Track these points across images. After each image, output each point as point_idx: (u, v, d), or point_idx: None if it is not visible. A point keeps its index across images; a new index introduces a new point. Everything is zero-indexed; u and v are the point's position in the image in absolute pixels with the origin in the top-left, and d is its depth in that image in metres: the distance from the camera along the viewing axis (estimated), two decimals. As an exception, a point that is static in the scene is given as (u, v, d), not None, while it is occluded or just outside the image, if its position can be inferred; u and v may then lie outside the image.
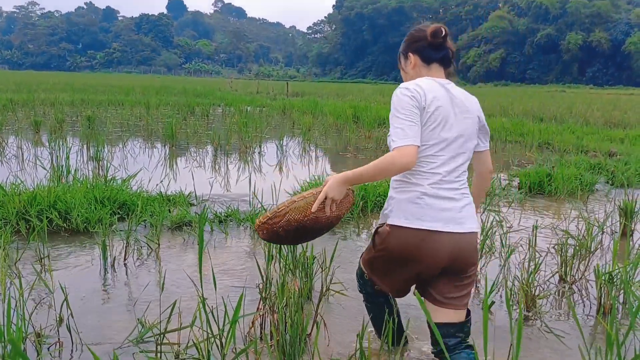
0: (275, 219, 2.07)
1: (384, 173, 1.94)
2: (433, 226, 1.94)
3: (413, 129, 1.93)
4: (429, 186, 1.98)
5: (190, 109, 16.07)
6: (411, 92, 1.98)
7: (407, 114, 1.95)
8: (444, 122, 2.00)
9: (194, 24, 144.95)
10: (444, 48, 2.13)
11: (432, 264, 1.98)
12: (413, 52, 2.17)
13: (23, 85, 25.07)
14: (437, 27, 2.10)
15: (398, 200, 2.02)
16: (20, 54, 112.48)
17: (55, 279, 3.10)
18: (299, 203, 2.07)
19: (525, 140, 10.31)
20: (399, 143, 1.90)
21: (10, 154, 7.75)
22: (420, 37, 2.14)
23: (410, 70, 2.19)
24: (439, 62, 2.15)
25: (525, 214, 5.16)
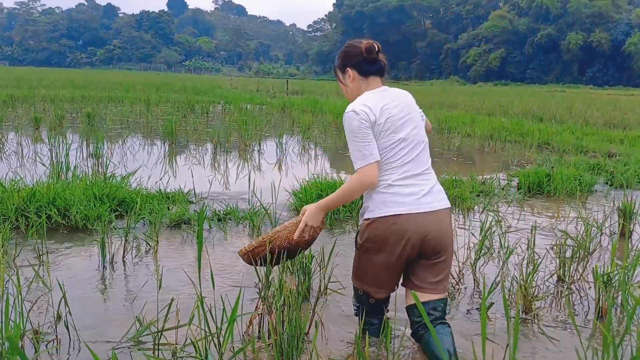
0: (260, 248, 2.41)
1: (354, 194, 2.26)
2: (399, 210, 2.20)
3: (368, 147, 2.21)
4: (395, 180, 2.25)
5: (190, 107, 16.06)
6: (359, 115, 2.23)
7: (359, 135, 2.21)
8: (395, 126, 2.27)
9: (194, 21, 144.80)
10: (378, 62, 2.40)
11: (407, 246, 2.22)
12: (351, 67, 2.41)
13: (23, 82, 25.04)
14: (371, 43, 2.37)
15: (370, 196, 2.29)
16: (21, 50, 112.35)
17: (53, 276, 3.10)
18: (283, 232, 2.39)
19: (525, 140, 10.31)
20: (360, 164, 2.20)
21: (10, 150, 7.74)
22: (356, 53, 2.39)
23: (349, 83, 2.44)
24: (374, 74, 2.41)
25: (524, 214, 5.17)
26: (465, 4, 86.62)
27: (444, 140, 10.80)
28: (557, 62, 69.08)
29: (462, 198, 5.34)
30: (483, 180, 6.15)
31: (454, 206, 5.30)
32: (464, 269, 3.36)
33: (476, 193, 5.68)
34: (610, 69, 65.59)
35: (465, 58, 75.40)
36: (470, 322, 2.79)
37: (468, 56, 74.90)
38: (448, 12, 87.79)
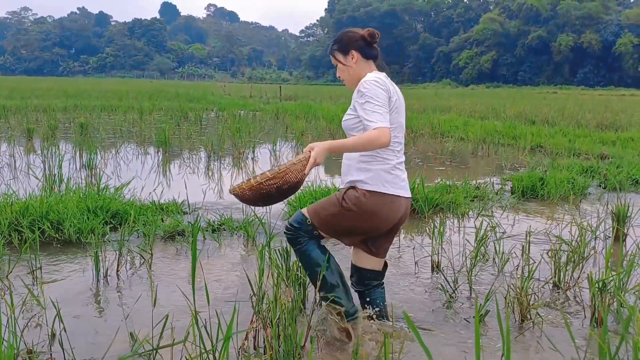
0: (274, 180, 2.36)
1: (365, 147, 2.33)
2: (399, 192, 2.50)
3: (387, 115, 2.36)
4: (396, 162, 2.51)
5: (184, 114, 16.04)
6: (382, 84, 2.42)
7: (381, 101, 2.36)
8: (399, 109, 2.53)
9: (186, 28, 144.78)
10: (376, 48, 2.64)
11: (392, 221, 2.54)
12: (355, 50, 2.59)
13: (15, 92, 24.93)
14: (372, 30, 2.61)
15: (375, 171, 2.47)
16: (13, 59, 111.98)
17: (47, 293, 3.08)
18: (297, 166, 2.37)
19: (518, 144, 10.34)
20: (380, 124, 2.30)
21: (2, 163, 7.70)
22: (357, 37, 2.60)
23: (353, 64, 2.60)
24: (374, 58, 2.63)
25: (519, 219, 5.18)
26: (456, 8, 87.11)
27: (437, 144, 10.82)
28: (548, 63, 69.52)
29: (456, 203, 5.35)
30: (477, 185, 6.16)
31: (449, 212, 5.31)
32: (459, 277, 3.36)
33: (470, 198, 5.68)
34: (601, 70, 66.06)
35: (457, 61, 75.76)
36: (468, 332, 2.78)
37: (460, 59, 75.27)
38: (439, 16, 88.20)
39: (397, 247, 4.25)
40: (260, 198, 2.43)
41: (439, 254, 3.67)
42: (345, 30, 2.71)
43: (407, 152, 9.64)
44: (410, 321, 1.31)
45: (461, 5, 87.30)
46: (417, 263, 3.78)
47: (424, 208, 5.06)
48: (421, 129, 12.49)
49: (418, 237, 4.56)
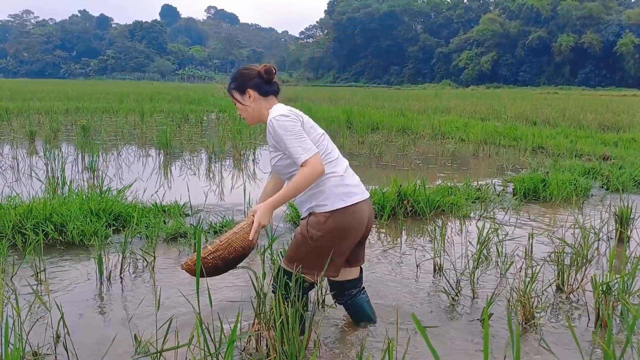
0: (219, 252, 2.36)
1: (305, 185, 2.37)
2: (357, 199, 2.48)
3: (307, 141, 2.38)
4: (342, 171, 2.50)
5: (184, 116, 16.05)
6: (289, 116, 2.42)
7: (295, 132, 2.37)
8: (312, 124, 2.54)
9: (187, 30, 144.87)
10: (274, 83, 2.60)
11: (362, 228, 2.53)
12: (251, 88, 2.56)
13: (17, 94, 24.94)
14: (269, 66, 2.58)
15: (327, 189, 2.45)
16: (15, 62, 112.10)
17: (51, 295, 3.08)
18: (239, 234, 2.38)
19: (519, 145, 10.34)
20: (305, 157, 2.34)
21: (5, 165, 7.71)
22: (253, 75, 2.57)
23: (250, 103, 2.58)
24: (273, 93, 2.60)
25: (521, 220, 5.18)
26: (456, 9, 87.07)
27: (438, 145, 10.82)
28: (548, 64, 69.48)
29: (458, 205, 5.35)
30: (478, 187, 6.16)
31: (450, 214, 5.31)
32: (461, 279, 3.36)
33: (472, 200, 5.68)
34: (602, 70, 66.00)
35: (457, 62, 75.73)
36: (471, 335, 2.78)
37: (460, 60, 75.25)
38: (439, 17, 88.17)
39: (398, 249, 4.26)
40: (208, 271, 2.41)
41: (441, 256, 3.67)
42: (242, 67, 2.67)
43: (408, 153, 9.71)
44: (419, 324, 1.32)
45: (461, 6, 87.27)
46: (419, 265, 3.78)
47: (426, 210, 5.06)
48: (422, 130, 12.49)
49: (419, 240, 4.57)
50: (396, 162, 8.85)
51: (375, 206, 5.06)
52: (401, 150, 10.07)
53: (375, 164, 8.56)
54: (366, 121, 13.49)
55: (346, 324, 2.86)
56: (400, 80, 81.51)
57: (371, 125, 13.24)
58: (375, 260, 3.97)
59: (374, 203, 5.07)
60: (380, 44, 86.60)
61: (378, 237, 4.59)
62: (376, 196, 5.16)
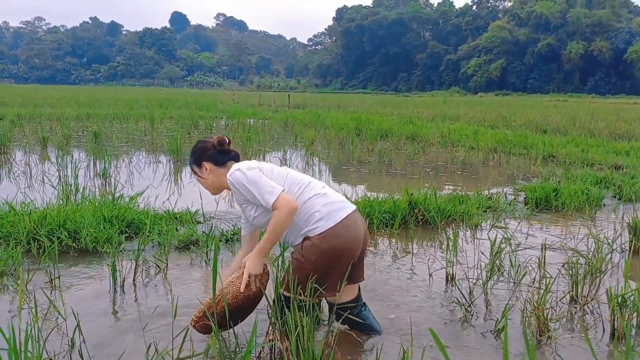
0: (211, 310, 2.30)
1: (284, 226, 2.37)
2: (344, 213, 2.47)
3: (269, 183, 2.40)
4: (321, 193, 2.50)
5: (194, 122, 16.13)
6: (247, 169, 2.45)
7: (257, 179, 2.41)
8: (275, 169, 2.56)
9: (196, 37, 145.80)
10: (229, 152, 2.63)
11: (360, 239, 2.52)
12: (206, 161, 2.60)
13: (29, 100, 25.20)
14: (221, 137, 2.62)
15: (309, 218, 2.45)
16: (27, 68, 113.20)
17: (65, 302, 3.10)
18: (228, 289, 2.37)
19: (530, 153, 10.30)
20: (273, 198, 2.35)
21: (18, 171, 7.78)
22: (208, 147, 2.61)
23: (207, 175, 2.62)
24: (230, 160, 2.62)
25: (533, 230, 5.15)
26: (464, 16, 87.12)
27: (448, 153, 10.80)
28: (558, 71, 69.27)
29: (469, 214, 5.34)
30: (489, 196, 6.14)
31: (461, 223, 5.30)
32: (474, 289, 3.35)
33: (483, 209, 5.67)
34: (612, 78, 65.70)
35: (465, 69, 75.69)
36: (485, 346, 2.77)
37: (468, 67, 75.19)
38: (447, 24, 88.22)
39: (410, 259, 4.25)
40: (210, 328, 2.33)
41: (453, 267, 3.66)
42: (198, 141, 2.72)
43: (417, 161, 9.70)
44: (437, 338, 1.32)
45: (470, 13, 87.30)
46: (432, 275, 3.77)
47: (437, 219, 5.05)
48: (431, 138, 12.47)
49: (431, 249, 4.56)
50: (406, 170, 8.85)
51: (386, 215, 5.07)
52: (411, 158, 10.06)
53: (385, 172, 8.56)
54: (375, 128, 13.50)
55: (360, 335, 2.85)
56: (409, 87, 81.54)
57: (380, 132, 13.24)
58: (386, 270, 3.96)
59: (385, 212, 5.08)
60: (389, 51, 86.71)
61: (389, 246, 4.59)
62: (387, 204, 5.16)
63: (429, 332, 2.86)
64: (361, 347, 2.74)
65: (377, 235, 4.88)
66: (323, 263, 2.45)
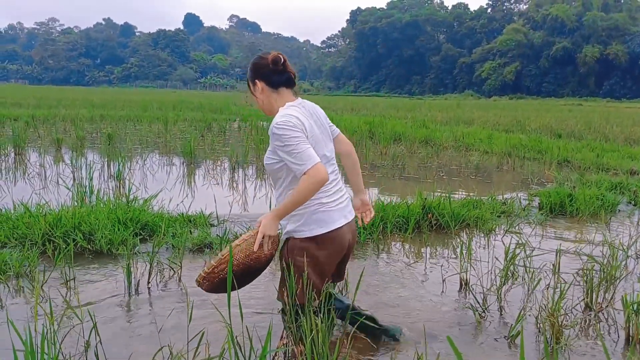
0: (222, 266, 2.31)
1: (308, 195, 2.25)
2: (336, 225, 2.42)
3: (310, 150, 2.25)
4: (324, 196, 2.41)
5: (207, 125, 16.21)
6: (293, 123, 2.28)
7: (299, 140, 2.25)
8: (318, 142, 2.40)
9: (209, 39, 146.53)
10: (285, 72, 2.45)
11: (343, 250, 2.50)
12: (260, 79, 2.46)
13: (43, 101, 25.49)
14: (276, 55, 2.44)
15: (306, 215, 2.39)
16: (40, 69, 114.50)
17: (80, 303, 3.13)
18: (242, 246, 2.32)
19: (544, 158, 10.21)
20: (307, 166, 2.21)
21: (33, 172, 7.87)
22: (263, 65, 2.45)
23: (259, 95, 2.49)
24: (284, 85, 2.46)
25: (547, 236, 5.11)
26: (479, 19, 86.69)
27: (462, 157, 10.75)
28: (573, 75, 68.66)
29: (483, 219, 5.31)
30: (504, 200, 6.10)
31: (475, 228, 5.27)
32: (488, 295, 3.33)
33: (497, 214, 5.63)
34: (627, 82, 64.99)
35: (479, 72, 75.27)
36: (498, 352, 2.76)
37: (482, 70, 74.77)
38: (462, 27, 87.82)
39: (423, 264, 4.23)
40: (217, 286, 2.38)
41: (467, 272, 3.65)
42: (256, 55, 2.54)
43: (431, 164, 9.67)
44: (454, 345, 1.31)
45: (484, 16, 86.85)
46: (445, 281, 3.76)
47: (451, 224, 5.03)
48: (445, 142, 12.42)
49: (444, 254, 4.53)
50: (419, 174, 8.82)
51: (400, 219, 5.05)
52: (424, 162, 10.03)
53: (398, 176, 8.54)
54: (389, 132, 13.48)
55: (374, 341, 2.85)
56: (422, 90, 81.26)
57: (394, 136, 13.21)
58: (400, 275, 3.95)
59: (399, 216, 5.06)
60: (402, 53, 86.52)
61: (403, 251, 4.58)
62: (401, 209, 5.14)
63: (442, 338, 2.86)
64: (375, 352, 2.73)
65: (391, 239, 4.87)
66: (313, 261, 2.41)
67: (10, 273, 3.61)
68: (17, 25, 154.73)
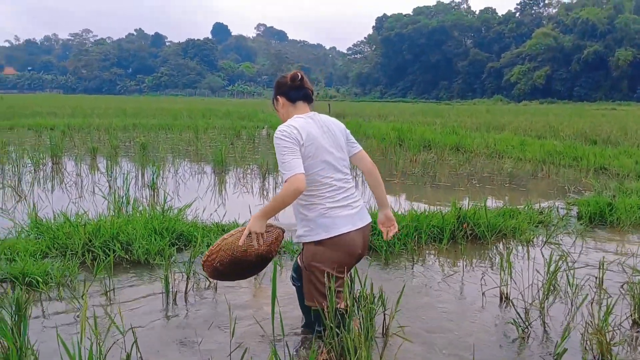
0: (212, 256, 2.59)
1: (286, 200, 2.45)
2: (342, 230, 2.55)
3: (295, 161, 2.45)
4: (330, 202, 2.58)
5: (236, 132, 16.35)
6: (288, 133, 2.52)
7: (287, 150, 2.47)
8: (320, 149, 2.59)
9: (237, 47, 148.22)
10: (303, 88, 2.71)
11: (354, 254, 2.62)
12: (281, 95, 2.74)
13: (78, 110, 26.10)
14: (295, 72, 2.72)
15: (312, 219, 2.58)
16: (74, 79, 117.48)
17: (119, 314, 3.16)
18: (228, 240, 2.57)
19: (580, 165, 9.98)
20: (287, 175, 2.43)
21: (70, 181, 8.04)
22: (284, 83, 2.74)
23: (280, 109, 2.77)
24: (302, 99, 2.72)
25: (588, 247, 4.97)
26: (507, 23, 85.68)
27: (494, 164, 10.58)
28: (605, 78, 67.17)
29: (521, 230, 5.20)
30: (540, 210, 5.97)
31: (512, 238, 5.16)
32: (531, 309, 3.24)
33: (534, 224, 5.51)
34: (662, 85, 63.29)
35: (508, 76, 74.25)
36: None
37: (512, 74, 73.74)
38: (490, 32, 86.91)
39: (460, 276, 4.16)
40: (210, 273, 2.67)
41: (507, 285, 3.56)
42: (279, 75, 2.85)
43: (462, 172, 9.53)
44: None
45: (513, 20, 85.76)
46: (484, 294, 3.68)
47: (487, 234, 4.94)
48: (476, 149, 12.25)
49: (481, 266, 4.45)
50: (451, 182, 8.71)
51: (434, 229, 4.98)
52: (455, 169, 9.90)
53: (429, 184, 8.44)
54: (417, 139, 13.37)
55: (411, 352, 2.80)
56: (450, 96, 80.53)
57: (423, 143, 13.10)
58: (436, 287, 3.89)
59: (433, 226, 4.99)
60: (429, 59, 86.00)
61: (438, 263, 4.51)
62: (435, 219, 5.07)
63: (485, 354, 2.79)
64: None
65: (426, 249, 4.80)
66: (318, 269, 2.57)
67: (52, 283, 3.67)
68: (53, 37, 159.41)
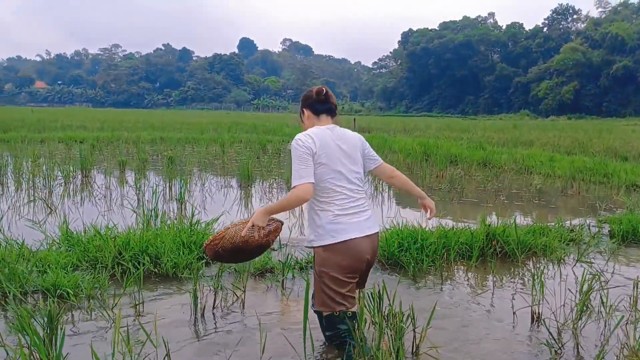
0: (216, 241, 2.83)
1: (290, 204, 2.71)
2: (350, 236, 2.68)
3: (305, 170, 2.64)
4: (339, 209, 2.71)
5: (262, 146, 16.46)
6: (302, 142, 2.70)
7: (300, 159, 2.66)
8: (332, 158, 2.74)
9: (263, 62, 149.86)
10: (327, 102, 2.87)
11: (362, 260, 2.74)
12: (306, 108, 2.91)
13: (107, 124, 26.63)
14: (320, 87, 2.90)
15: (321, 225, 2.71)
16: (103, 92, 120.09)
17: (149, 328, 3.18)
18: (232, 229, 2.81)
19: (611, 182, 9.77)
20: (295, 183, 2.62)
21: (99, 194, 8.18)
22: (309, 96, 2.90)
23: (305, 121, 2.93)
24: (325, 112, 2.88)
25: (621, 266, 4.85)
26: (535, 38, 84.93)
27: (523, 181, 10.43)
28: (635, 94, 65.88)
29: (551, 248, 5.10)
30: (571, 227, 5.85)
31: (543, 256, 5.07)
32: (563, 330, 3.17)
33: (565, 242, 5.40)
34: (693, 101, 61.79)
35: (535, 92, 73.37)
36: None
37: (539, 90, 72.86)
38: (517, 46, 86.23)
39: (490, 294, 4.09)
40: (216, 257, 2.90)
41: (539, 305, 3.49)
42: (306, 90, 3.03)
43: (490, 188, 9.41)
44: None
45: (540, 35, 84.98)
46: (515, 313, 3.61)
47: (517, 252, 4.85)
48: (504, 164, 12.10)
49: (512, 285, 4.37)
50: (478, 198, 8.61)
51: (463, 246, 4.92)
52: (483, 186, 9.78)
53: (456, 200, 8.36)
54: (444, 154, 13.26)
55: None
56: (476, 110, 79.90)
57: (449, 158, 12.98)
58: (466, 305, 3.83)
59: (461, 243, 4.93)
60: (455, 73, 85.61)
61: (467, 281, 4.44)
62: (464, 236, 5.01)
63: None
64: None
65: (454, 265, 4.75)
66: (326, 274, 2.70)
67: (82, 295, 3.72)
68: (82, 52, 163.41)
